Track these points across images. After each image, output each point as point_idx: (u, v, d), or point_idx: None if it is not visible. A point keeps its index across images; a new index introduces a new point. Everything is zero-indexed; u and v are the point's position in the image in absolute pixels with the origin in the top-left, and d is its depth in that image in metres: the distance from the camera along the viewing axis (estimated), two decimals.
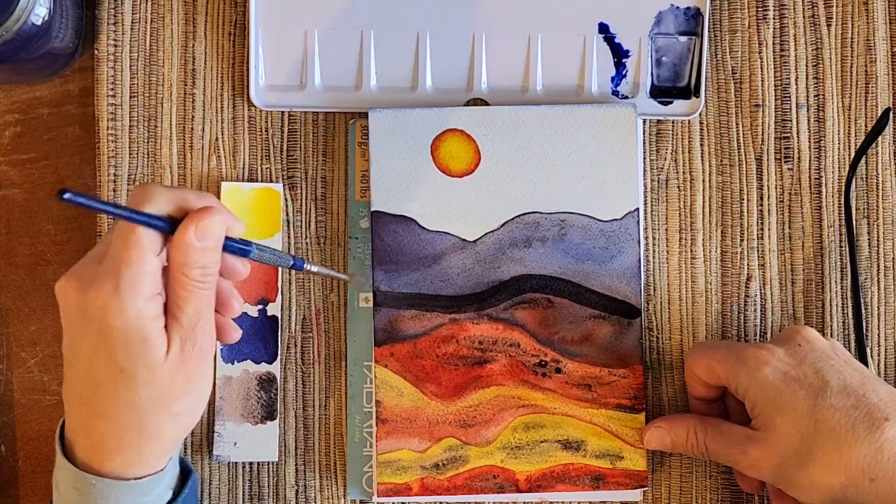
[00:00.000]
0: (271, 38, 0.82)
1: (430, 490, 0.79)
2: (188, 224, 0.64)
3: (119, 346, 0.63)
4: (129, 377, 0.63)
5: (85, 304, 0.63)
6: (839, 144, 0.82)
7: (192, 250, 0.64)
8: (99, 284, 0.63)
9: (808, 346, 0.74)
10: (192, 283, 0.64)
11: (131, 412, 0.64)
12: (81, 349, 0.64)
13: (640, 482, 0.80)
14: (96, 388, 0.64)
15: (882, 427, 0.70)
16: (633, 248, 0.80)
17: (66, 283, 0.65)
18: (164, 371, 0.64)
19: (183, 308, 0.64)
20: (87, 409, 0.65)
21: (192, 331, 0.65)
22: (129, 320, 0.62)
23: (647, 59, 0.82)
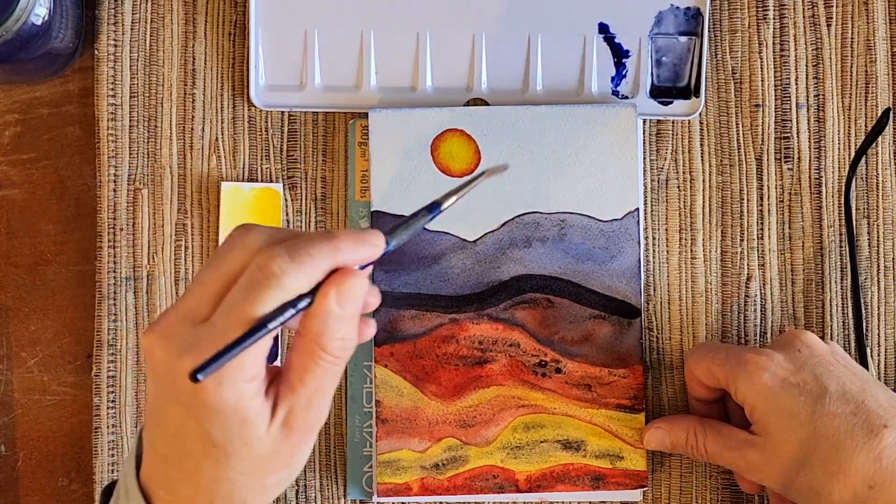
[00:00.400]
0: (271, 38, 0.82)
1: (430, 490, 0.79)
2: (328, 290, 0.56)
3: (214, 423, 0.56)
4: (223, 453, 0.57)
5: (175, 372, 0.55)
6: (839, 144, 0.82)
7: (333, 319, 0.56)
8: (195, 357, 0.54)
9: (807, 352, 0.74)
10: (326, 356, 0.57)
11: (222, 485, 0.58)
12: (168, 416, 0.58)
13: (640, 482, 0.80)
14: (186, 456, 0.58)
15: (881, 434, 0.70)
16: (633, 248, 0.80)
17: (153, 341, 0.57)
18: (263, 445, 0.57)
19: (304, 380, 0.57)
20: (173, 470, 0.59)
21: (308, 405, 0.58)
22: (228, 402, 0.55)
23: (647, 59, 0.82)
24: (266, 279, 0.55)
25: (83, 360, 0.83)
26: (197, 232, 0.82)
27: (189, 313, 0.57)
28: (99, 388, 0.81)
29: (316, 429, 0.59)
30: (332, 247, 0.56)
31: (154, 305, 0.81)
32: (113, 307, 0.81)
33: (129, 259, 0.82)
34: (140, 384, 0.81)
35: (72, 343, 0.83)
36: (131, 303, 0.81)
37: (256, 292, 0.55)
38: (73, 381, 0.83)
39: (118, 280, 0.81)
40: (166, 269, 0.82)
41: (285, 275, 0.55)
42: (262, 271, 0.55)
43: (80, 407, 0.83)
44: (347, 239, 0.57)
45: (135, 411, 0.81)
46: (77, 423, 0.83)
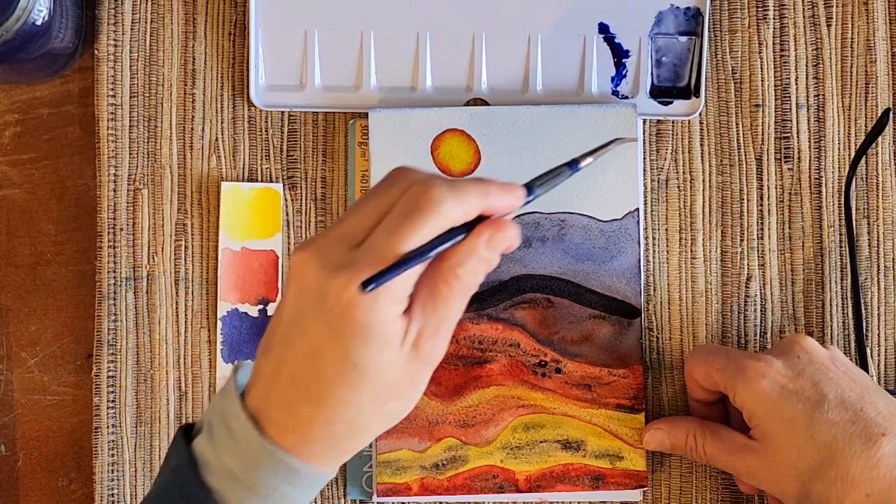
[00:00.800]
0: (271, 38, 0.82)
1: (430, 490, 0.79)
2: (483, 231, 0.60)
3: (358, 342, 0.58)
4: (360, 374, 0.59)
5: (326, 290, 0.58)
6: (839, 144, 0.82)
7: (474, 257, 0.60)
8: (350, 276, 0.57)
9: (806, 358, 0.73)
10: (459, 286, 0.60)
11: (348, 407, 0.60)
12: (308, 332, 0.59)
13: (640, 482, 0.80)
14: (318, 377, 0.59)
15: (879, 442, 0.70)
16: (633, 248, 0.80)
17: (306, 258, 0.59)
18: (394, 369, 0.60)
19: (437, 307, 0.60)
20: (299, 392, 0.60)
21: (436, 332, 0.60)
22: (377, 321, 0.58)
23: (647, 60, 0.82)
24: (426, 205, 0.58)
25: (83, 360, 0.83)
26: (197, 232, 0.82)
27: (344, 237, 0.60)
28: (99, 388, 0.81)
29: (436, 361, 0.61)
30: (484, 189, 0.60)
31: (154, 305, 0.81)
32: (113, 307, 0.81)
33: (129, 259, 0.82)
34: (140, 384, 0.81)
35: (72, 343, 0.83)
36: (131, 303, 0.81)
37: (416, 216, 0.58)
38: (73, 381, 0.83)
39: (118, 280, 0.81)
40: (166, 269, 0.82)
41: (444, 202, 0.58)
42: (422, 197, 0.58)
43: (80, 407, 0.83)
44: (497, 185, 0.61)
45: (134, 411, 0.81)
46: (77, 423, 0.83)
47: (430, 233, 0.58)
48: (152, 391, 0.81)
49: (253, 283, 0.81)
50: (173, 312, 0.82)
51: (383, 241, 0.58)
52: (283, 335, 0.61)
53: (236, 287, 0.81)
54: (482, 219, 0.61)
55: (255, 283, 0.81)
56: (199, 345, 0.82)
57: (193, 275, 0.82)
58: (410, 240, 0.58)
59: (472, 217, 0.60)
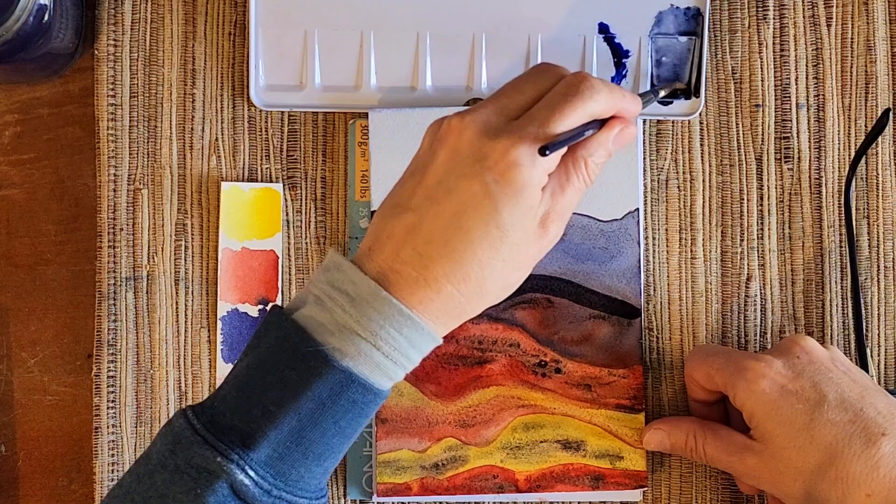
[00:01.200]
0: (271, 38, 0.82)
1: (430, 490, 0.79)
2: (614, 125, 0.66)
3: (509, 203, 0.62)
4: (502, 235, 0.63)
5: (486, 151, 0.63)
6: (839, 144, 0.82)
7: (602, 149, 0.66)
8: (515, 139, 0.62)
9: (806, 359, 0.73)
10: (585, 172, 0.66)
11: (483, 267, 0.63)
12: (459, 191, 0.63)
13: (640, 482, 0.80)
14: (461, 233, 0.63)
15: (878, 443, 0.70)
16: (632, 249, 0.80)
17: (464, 124, 0.64)
18: (528, 238, 0.64)
19: (564, 190, 0.65)
20: (435, 248, 0.63)
21: (560, 215, 0.65)
22: (532, 184, 0.63)
23: (647, 60, 0.82)
24: (586, 89, 0.65)
25: (83, 360, 0.83)
26: (197, 232, 0.82)
27: (503, 109, 0.65)
28: (99, 388, 0.81)
29: (552, 244, 0.66)
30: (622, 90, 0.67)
31: (154, 305, 0.81)
32: (113, 307, 0.81)
33: (129, 259, 0.82)
34: (140, 384, 0.81)
35: (72, 343, 0.83)
36: (131, 303, 0.81)
37: (577, 97, 0.64)
38: (73, 381, 0.83)
39: (118, 280, 0.81)
40: (166, 269, 0.82)
41: (600, 90, 0.65)
42: (583, 83, 0.65)
43: (80, 407, 0.83)
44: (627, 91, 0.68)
45: (134, 411, 0.81)
46: (77, 423, 0.83)
47: (586, 114, 0.65)
48: (152, 391, 0.81)
49: (253, 283, 0.81)
50: (173, 312, 0.82)
51: (546, 115, 0.64)
52: (427, 195, 0.64)
53: (236, 287, 0.81)
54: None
55: (255, 283, 0.81)
56: (199, 345, 0.82)
57: (193, 275, 0.82)
58: (571, 117, 0.64)
59: (613, 112, 0.67)
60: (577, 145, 0.66)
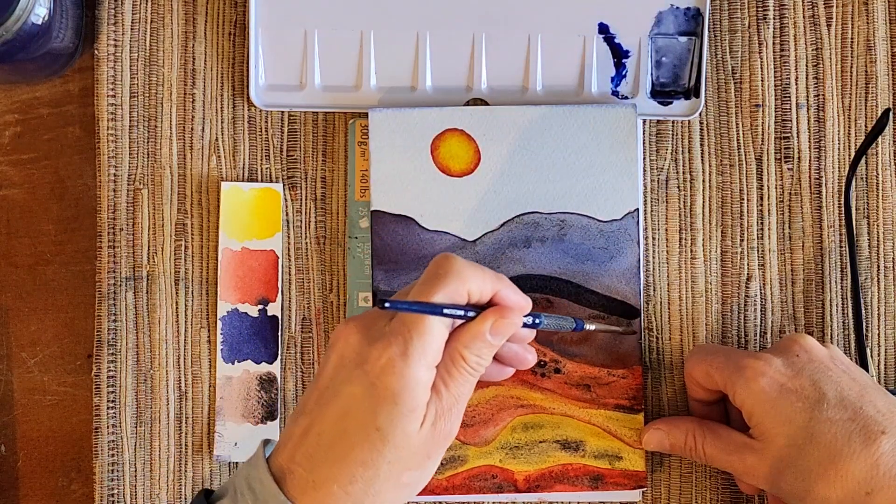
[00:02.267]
0: (271, 38, 0.82)
1: (429, 490, 0.79)
2: (488, 317, 0.66)
3: (386, 406, 0.63)
4: (382, 437, 0.64)
5: (366, 356, 0.64)
6: (839, 144, 0.82)
7: (480, 341, 0.66)
8: (388, 342, 0.63)
9: (805, 357, 0.73)
10: (465, 366, 0.66)
11: (367, 469, 0.64)
12: (342, 395, 0.64)
13: (639, 482, 0.80)
14: (343, 436, 0.64)
15: (878, 441, 0.70)
16: (632, 249, 0.80)
17: (351, 328, 0.65)
18: (415, 440, 0.64)
19: (448, 386, 0.65)
20: (323, 450, 0.65)
21: (450, 410, 0.66)
22: (407, 385, 0.63)
23: (647, 60, 0.82)
24: (449, 269, 0.65)
25: (83, 360, 0.83)
26: (197, 232, 0.82)
27: (386, 312, 0.65)
28: (99, 388, 0.81)
29: (450, 439, 0.66)
30: (500, 277, 0.67)
31: (154, 305, 0.82)
32: (113, 307, 0.81)
33: (129, 259, 0.82)
34: (140, 384, 0.81)
35: (72, 343, 0.83)
36: (131, 303, 0.81)
37: (440, 278, 0.64)
38: (73, 381, 0.83)
39: (118, 280, 0.81)
40: (166, 269, 0.82)
41: (465, 269, 0.65)
42: (446, 262, 0.65)
43: (80, 407, 0.83)
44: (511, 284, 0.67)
45: (134, 411, 0.81)
46: (77, 423, 0.83)
47: (449, 294, 0.64)
48: (152, 391, 0.81)
49: (253, 283, 0.81)
50: (173, 312, 0.82)
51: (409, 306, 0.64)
52: (318, 399, 0.66)
53: (236, 287, 0.81)
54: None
55: (255, 283, 0.81)
56: (199, 345, 0.82)
57: (193, 275, 0.82)
58: (432, 298, 0.64)
59: (487, 296, 0.66)
60: (452, 339, 0.65)
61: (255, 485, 0.65)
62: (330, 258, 0.82)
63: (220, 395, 0.81)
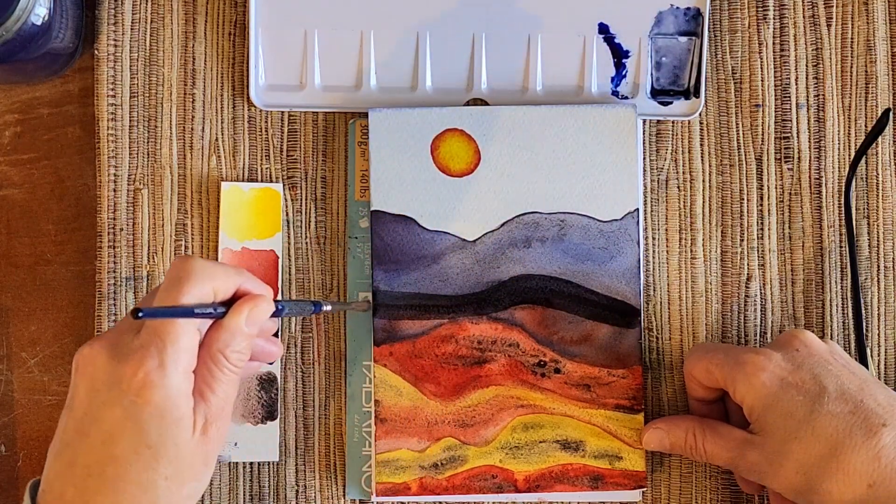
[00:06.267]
0: (271, 38, 0.82)
1: (429, 490, 0.79)
2: (242, 309, 0.65)
3: (152, 421, 0.62)
4: (154, 454, 0.62)
5: (119, 376, 0.62)
6: (839, 144, 0.82)
7: (238, 335, 0.65)
8: (140, 357, 0.62)
9: (805, 351, 0.74)
10: (228, 365, 0.65)
11: (147, 491, 0.63)
12: (102, 420, 0.63)
13: (639, 482, 0.80)
14: (113, 461, 0.62)
15: (879, 433, 0.70)
16: (632, 249, 0.80)
17: (95, 351, 0.64)
18: (188, 448, 0.63)
19: (214, 389, 0.64)
20: (93, 482, 0.63)
21: (220, 413, 0.65)
22: (170, 396, 0.62)
23: (646, 60, 0.82)
24: (189, 273, 0.63)
25: None
26: (197, 232, 0.82)
27: (129, 327, 0.64)
28: None
29: (223, 440, 0.66)
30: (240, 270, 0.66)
31: None
32: (113, 307, 0.81)
33: (129, 259, 0.82)
34: None
35: (72, 343, 0.83)
36: (131, 303, 0.81)
37: (182, 280, 0.63)
38: None
39: (118, 280, 0.81)
40: (166, 269, 0.82)
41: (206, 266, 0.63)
42: (185, 264, 0.63)
43: None
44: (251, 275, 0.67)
45: None
46: None
47: (196, 295, 0.63)
48: None
49: None
50: None
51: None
52: (76, 429, 0.64)
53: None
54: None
55: None
56: None
57: None
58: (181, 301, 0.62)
59: (231, 291, 0.65)
60: (210, 341, 0.64)
61: None
62: (330, 258, 0.82)
63: None
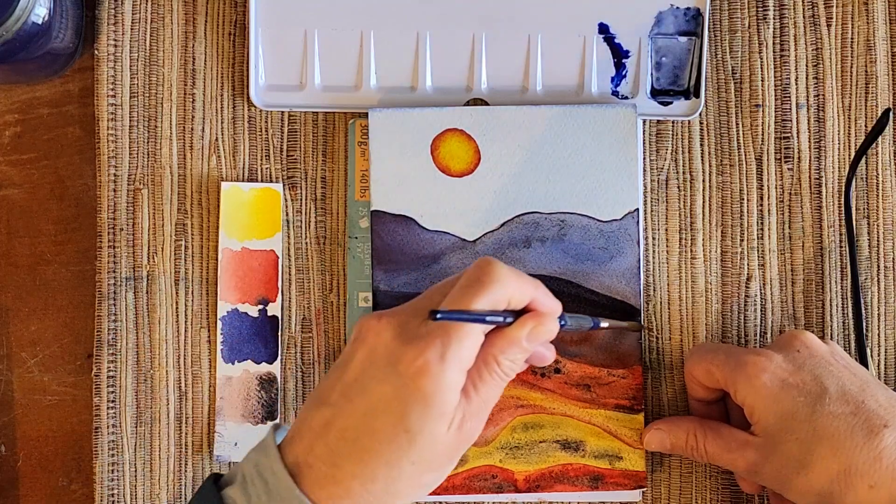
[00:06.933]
0: (271, 38, 0.82)
1: None
2: (526, 323, 0.65)
3: (417, 408, 0.63)
4: (410, 438, 0.63)
5: (399, 356, 0.63)
6: (839, 144, 0.82)
7: (515, 346, 0.65)
8: (425, 345, 0.63)
9: (806, 352, 0.73)
10: (499, 371, 0.65)
11: (391, 469, 0.64)
12: (371, 393, 0.64)
13: (639, 483, 0.80)
14: (369, 434, 0.63)
15: (881, 434, 0.70)
16: (632, 249, 0.80)
17: (382, 326, 0.65)
18: (441, 442, 0.64)
19: (478, 390, 0.65)
20: (344, 447, 0.64)
21: (476, 414, 0.65)
22: (441, 390, 0.63)
23: (646, 60, 0.82)
24: (490, 275, 0.64)
25: (83, 360, 0.83)
26: (197, 232, 0.82)
27: (421, 311, 0.65)
28: (99, 388, 0.81)
29: (471, 442, 0.66)
30: (537, 282, 0.66)
31: (154, 305, 0.82)
32: (113, 307, 0.81)
33: (129, 259, 0.82)
34: (140, 384, 0.81)
35: (72, 343, 0.83)
36: (131, 303, 0.82)
37: (480, 285, 0.64)
38: (73, 381, 0.83)
39: (118, 280, 0.81)
40: (166, 269, 0.82)
41: (506, 276, 0.64)
42: (487, 267, 0.64)
43: (80, 407, 0.83)
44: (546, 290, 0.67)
45: (134, 411, 0.81)
46: (77, 423, 0.83)
47: (492, 301, 0.64)
48: (152, 391, 0.81)
49: (253, 283, 0.81)
50: (173, 312, 0.82)
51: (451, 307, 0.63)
52: (342, 392, 0.65)
53: (236, 287, 0.81)
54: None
55: (255, 283, 0.81)
56: (199, 345, 0.82)
57: (193, 275, 0.82)
58: (475, 304, 0.63)
59: (524, 302, 0.65)
60: (488, 344, 0.65)
61: (266, 475, 0.64)
62: (330, 258, 0.82)
63: (220, 396, 0.81)
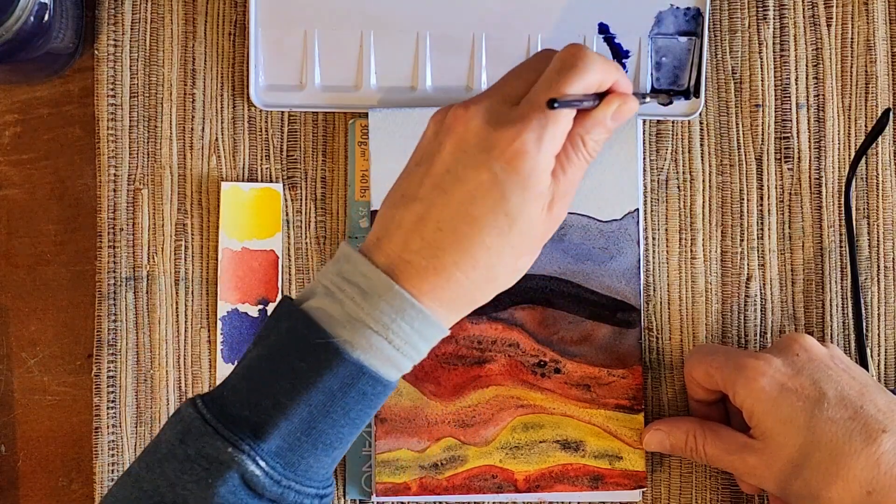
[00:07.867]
0: (271, 38, 0.82)
1: (429, 490, 0.79)
2: (612, 102, 0.66)
3: (516, 190, 0.63)
4: (510, 221, 0.63)
5: (493, 141, 0.63)
6: (839, 144, 0.82)
7: (601, 127, 0.66)
8: (520, 128, 0.63)
9: (805, 356, 0.73)
10: (584, 151, 0.66)
11: (492, 254, 0.64)
12: (466, 180, 0.63)
13: (639, 483, 0.80)
14: (469, 221, 0.63)
15: (879, 439, 0.70)
16: (632, 249, 0.80)
17: (470, 114, 0.64)
18: (536, 223, 0.64)
19: (566, 170, 0.65)
20: (443, 237, 0.63)
21: (565, 193, 0.65)
22: (537, 171, 0.63)
23: (646, 60, 0.82)
24: (581, 61, 0.64)
25: (83, 360, 0.83)
26: (197, 232, 0.82)
27: (506, 97, 0.65)
28: (99, 388, 0.81)
29: (557, 225, 0.66)
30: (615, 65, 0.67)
31: (154, 305, 0.82)
32: (113, 307, 0.81)
33: (129, 259, 0.82)
34: (140, 384, 0.81)
35: (72, 343, 0.83)
36: (131, 303, 0.82)
37: (573, 71, 0.64)
38: (73, 381, 0.83)
39: (118, 280, 0.81)
40: (166, 269, 0.82)
41: (595, 60, 0.64)
42: (577, 54, 0.64)
43: (80, 407, 0.83)
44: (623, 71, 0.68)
45: (134, 411, 0.81)
46: (77, 423, 0.83)
47: (582, 87, 0.64)
48: (152, 391, 0.82)
49: (253, 283, 0.81)
50: (173, 312, 0.82)
51: (544, 93, 0.63)
52: (434, 184, 0.64)
53: (236, 287, 0.81)
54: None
55: (255, 283, 0.81)
56: (199, 345, 0.82)
57: (193, 275, 0.82)
58: (569, 90, 0.64)
59: (608, 84, 0.66)
60: (575, 124, 0.65)
61: (356, 279, 0.63)
62: (330, 258, 0.82)
63: None
